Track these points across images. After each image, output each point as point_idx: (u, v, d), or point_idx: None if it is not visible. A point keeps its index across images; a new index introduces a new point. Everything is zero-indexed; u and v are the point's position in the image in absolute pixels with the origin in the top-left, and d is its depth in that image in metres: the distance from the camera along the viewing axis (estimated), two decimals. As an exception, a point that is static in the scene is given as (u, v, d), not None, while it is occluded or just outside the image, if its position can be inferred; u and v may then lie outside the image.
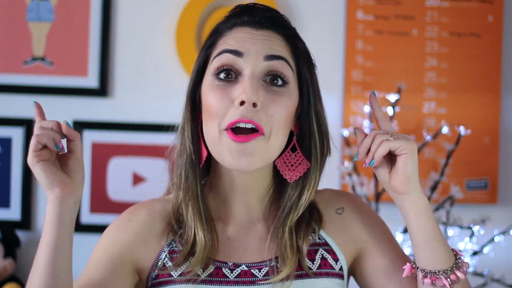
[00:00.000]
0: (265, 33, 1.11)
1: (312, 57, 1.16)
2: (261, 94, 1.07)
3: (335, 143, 1.20)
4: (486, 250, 2.20)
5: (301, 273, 1.13)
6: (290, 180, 1.14)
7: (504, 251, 2.33)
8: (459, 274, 1.08)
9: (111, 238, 1.15)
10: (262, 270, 1.12)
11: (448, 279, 1.08)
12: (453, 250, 1.12)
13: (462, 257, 1.11)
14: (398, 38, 2.43)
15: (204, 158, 1.14)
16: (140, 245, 1.14)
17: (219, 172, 1.16)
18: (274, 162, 1.15)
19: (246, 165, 1.07)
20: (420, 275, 1.10)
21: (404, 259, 1.19)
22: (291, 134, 1.14)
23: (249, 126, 1.06)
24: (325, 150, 1.15)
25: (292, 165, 1.14)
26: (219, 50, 1.11)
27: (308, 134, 1.14)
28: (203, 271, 1.11)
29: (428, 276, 1.09)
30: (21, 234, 2.34)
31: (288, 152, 1.15)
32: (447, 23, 2.43)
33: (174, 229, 1.15)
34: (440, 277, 1.08)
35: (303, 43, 1.16)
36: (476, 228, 2.15)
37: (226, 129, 1.07)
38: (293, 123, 1.14)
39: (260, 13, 1.13)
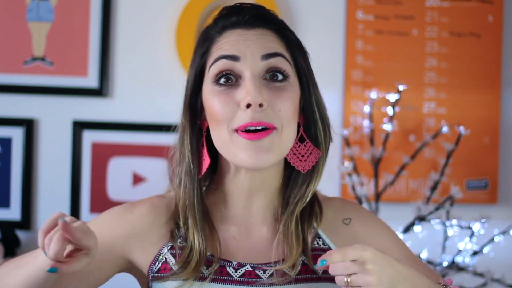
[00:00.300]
0: (257, 32, 1.11)
1: (304, 45, 1.16)
2: (265, 92, 1.07)
3: (334, 141, 1.20)
4: (486, 250, 2.20)
5: (307, 276, 1.12)
6: (303, 171, 1.13)
7: (504, 251, 2.32)
8: None
9: (108, 225, 1.15)
10: (266, 272, 1.12)
11: None
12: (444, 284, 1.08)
13: None
14: (398, 38, 2.43)
15: (206, 166, 1.13)
16: (137, 239, 1.14)
17: (226, 173, 1.16)
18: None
19: (264, 161, 1.06)
20: None
21: (422, 269, 1.15)
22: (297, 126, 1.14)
23: (259, 128, 1.06)
24: (327, 137, 1.15)
25: (303, 156, 1.14)
26: (214, 56, 1.11)
27: (313, 123, 1.14)
28: (207, 269, 1.11)
29: None
30: (21, 234, 2.34)
31: (297, 143, 1.14)
32: (447, 23, 2.43)
33: (175, 230, 1.15)
34: None
35: (294, 34, 1.16)
36: (476, 228, 2.15)
37: (237, 130, 1.06)
38: (298, 114, 1.14)
39: (248, 12, 1.12)
